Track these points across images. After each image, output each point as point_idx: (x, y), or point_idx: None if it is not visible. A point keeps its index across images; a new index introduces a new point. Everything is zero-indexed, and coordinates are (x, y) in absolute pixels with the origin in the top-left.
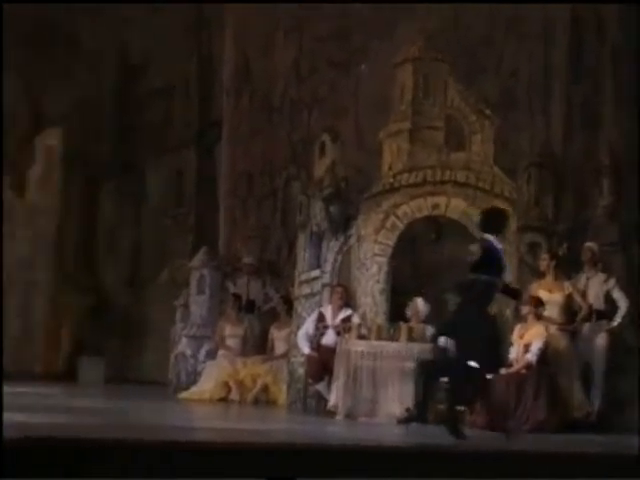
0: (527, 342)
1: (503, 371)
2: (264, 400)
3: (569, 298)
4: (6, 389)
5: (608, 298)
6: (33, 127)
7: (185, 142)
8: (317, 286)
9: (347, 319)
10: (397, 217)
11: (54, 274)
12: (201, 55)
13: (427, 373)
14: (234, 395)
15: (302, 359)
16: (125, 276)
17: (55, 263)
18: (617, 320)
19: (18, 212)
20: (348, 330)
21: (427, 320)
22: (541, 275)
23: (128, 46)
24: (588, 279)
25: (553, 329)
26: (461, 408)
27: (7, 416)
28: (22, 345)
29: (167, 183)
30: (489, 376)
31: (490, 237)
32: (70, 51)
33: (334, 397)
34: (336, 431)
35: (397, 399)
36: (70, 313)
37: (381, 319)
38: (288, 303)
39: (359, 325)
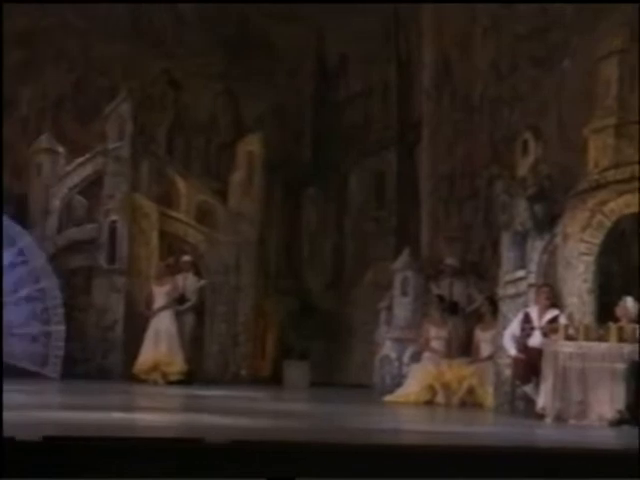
0: None
1: None
2: (470, 402)
3: None
4: (212, 393)
5: None
6: (234, 133)
7: (385, 144)
8: (522, 286)
9: (554, 320)
10: (604, 214)
11: (258, 279)
12: (399, 57)
13: (639, 374)
14: (440, 398)
15: (508, 361)
16: (328, 279)
17: (259, 268)
18: None
19: (221, 218)
20: (555, 331)
21: (638, 320)
22: None
23: (325, 51)
24: None
25: None
26: None
27: (212, 419)
28: (228, 350)
29: (368, 186)
30: None
31: None
32: (268, 57)
33: (542, 399)
34: (544, 433)
35: (608, 401)
36: (275, 317)
37: (589, 319)
38: (493, 304)
39: (566, 326)
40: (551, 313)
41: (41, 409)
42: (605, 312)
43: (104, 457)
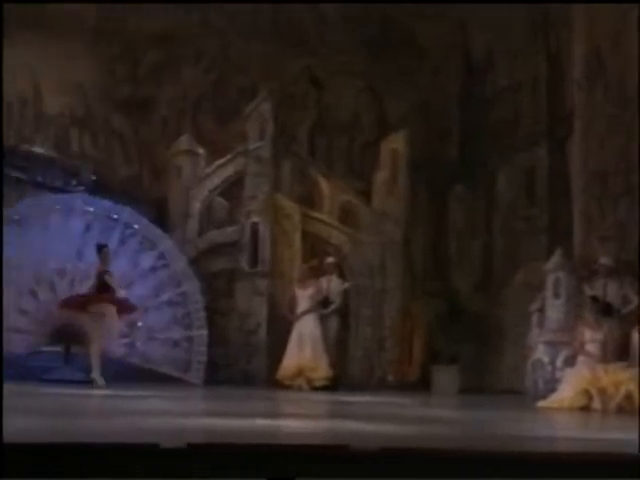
0: None
1: None
2: (628, 409)
3: None
4: (357, 399)
5: None
6: (378, 132)
7: (535, 140)
8: None
9: None
10: None
11: (404, 280)
12: (548, 50)
13: None
14: (596, 404)
15: None
16: (477, 280)
17: (405, 269)
18: None
19: (365, 218)
20: None
21: None
22: None
23: (470, 47)
24: None
25: None
26: None
27: (358, 426)
28: (374, 354)
29: (517, 183)
30: None
31: None
32: (412, 55)
33: None
34: None
35: None
36: (422, 320)
37: None
38: None
39: None
40: None
41: (184, 416)
42: None
43: (247, 463)
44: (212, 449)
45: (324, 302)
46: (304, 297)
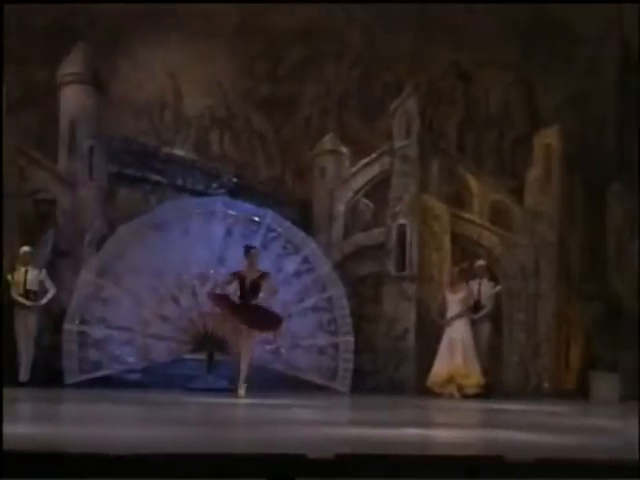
0: None
1: None
2: None
3: None
4: (512, 407)
5: None
6: (530, 126)
7: None
8: None
9: None
10: None
11: (559, 284)
12: None
13: None
14: None
15: None
16: (637, 283)
17: (560, 272)
18: None
19: (517, 218)
20: None
21: None
22: None
23: (629, 33)
24: None
25: None
26: None
27: (512, 436)
28: (529, 360)
29: None
30: None
31: None
32: (565, 43)
33: None
34: None
35: None
36: (578, 325)
37: None
38: None
39: None
40: None
41: (331, 425)
42: None
43: (396, 474)
44: (360, 460)
45: (475, 306)
46: (454, 301)
